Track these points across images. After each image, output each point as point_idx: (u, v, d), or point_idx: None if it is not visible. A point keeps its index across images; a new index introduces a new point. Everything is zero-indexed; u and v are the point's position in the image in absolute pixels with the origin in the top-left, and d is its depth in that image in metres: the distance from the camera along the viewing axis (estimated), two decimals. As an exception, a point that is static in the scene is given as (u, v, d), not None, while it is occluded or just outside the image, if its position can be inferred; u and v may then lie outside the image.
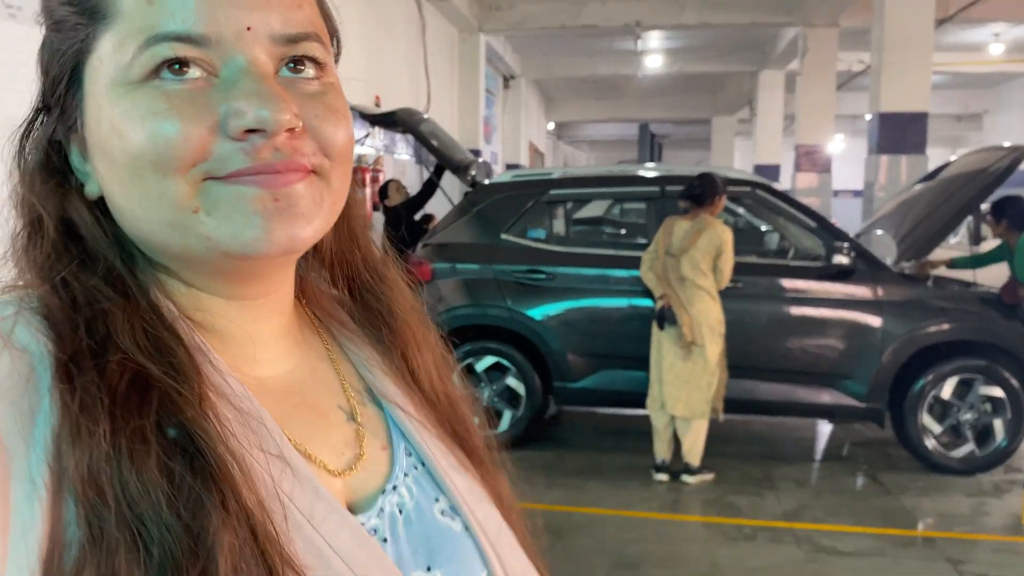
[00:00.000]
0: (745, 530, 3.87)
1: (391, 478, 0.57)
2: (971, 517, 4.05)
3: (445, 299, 5.03)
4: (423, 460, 0.59)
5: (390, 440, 0.59)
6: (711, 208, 4.36)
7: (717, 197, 4.38)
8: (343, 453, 0.56)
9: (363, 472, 0.56)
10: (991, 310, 4.62)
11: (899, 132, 7.22)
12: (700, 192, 4.36)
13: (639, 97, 20.56)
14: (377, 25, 7.11)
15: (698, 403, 4.31)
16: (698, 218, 4.34)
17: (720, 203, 4.41)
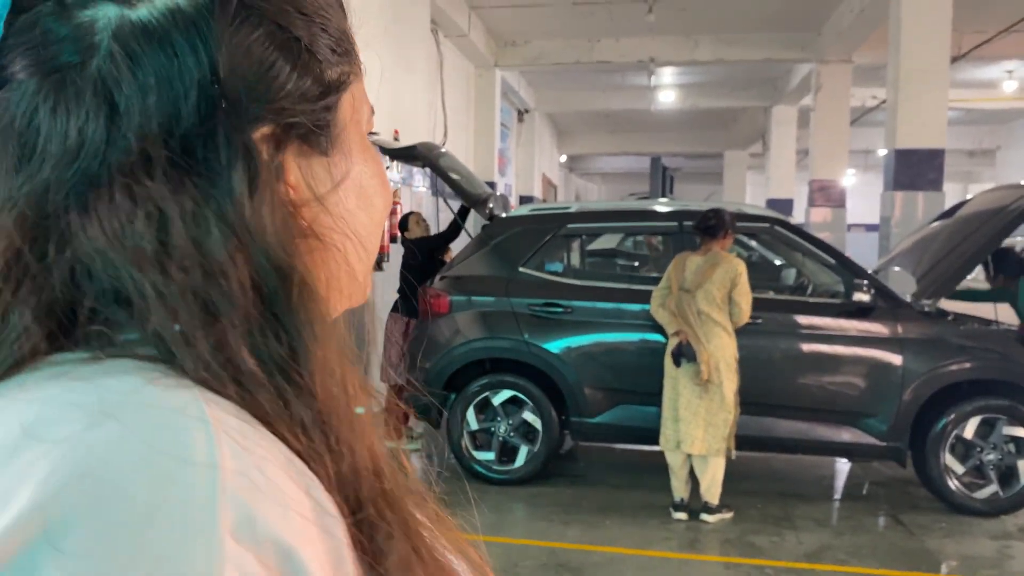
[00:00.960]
0: (767, 571, 3.79)
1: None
2: (996, 560, 3.96)
3: (462, 332, 5.01)
4: None
5: None
6: (723, 242, 4.35)
7: (729, 231, 4.37)
8: None
9: None
10: (1014, 348, 4.55)
11: (915, 168, 7.20)
12: (714, 225, 4.34)
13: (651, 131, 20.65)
14: (397, 62, 7.18)
15: (715, 440, 4.25)
16: (711, 252, 4.32)
17: (731, 237, 4.40)
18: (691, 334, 4.25)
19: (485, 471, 4.97)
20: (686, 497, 4.47)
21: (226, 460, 0.34)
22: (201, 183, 0.39)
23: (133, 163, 0.39)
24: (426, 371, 5.05)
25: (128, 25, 0.39)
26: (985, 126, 18.75)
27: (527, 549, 3.98)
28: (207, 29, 0.40)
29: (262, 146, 0.42)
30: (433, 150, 5.55)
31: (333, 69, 0.46)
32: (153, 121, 0.39)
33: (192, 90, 0.39)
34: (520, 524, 4.37)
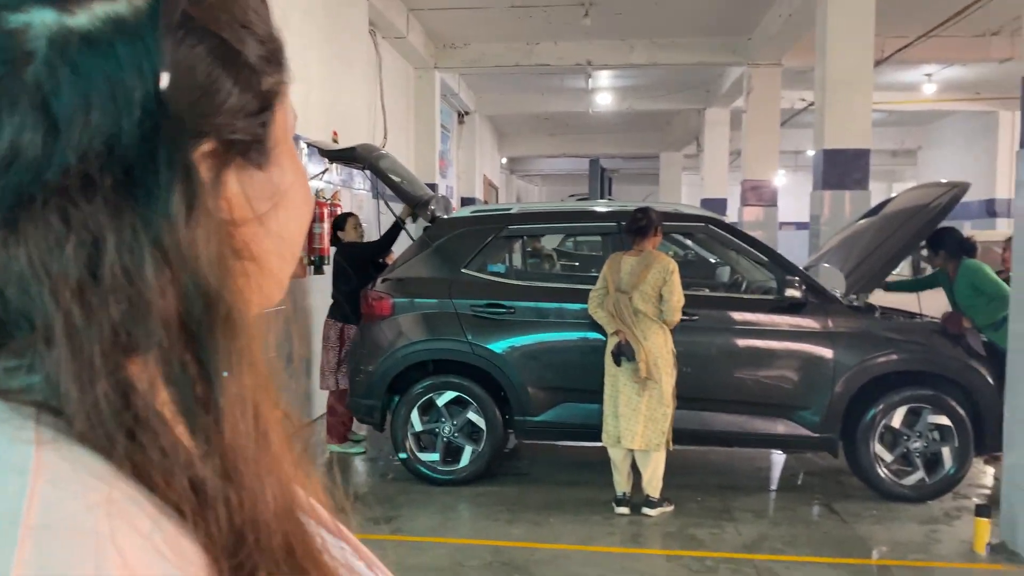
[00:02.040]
0: (707, 562, 3.85)
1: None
2: (924, 545, 4.10)
3: (405, 334, 4.97)
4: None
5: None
6: (654, 240, 4.42)
7: (658, 229, 4.44)
8: None
9: None
10: (937, 340, 4.72)
11: (842, 168, 7.41)
12: (644, 225, 4.41)
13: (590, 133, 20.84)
14: (335, 62, 7.09)
15: (655, 435, 4.31)
16: (644, 252, 4.39)
17: (660, 235, 4.48)
18: (629, 333, 4.30)
19: (430, 472, 4.94)
20: (628, 492, 4.51)
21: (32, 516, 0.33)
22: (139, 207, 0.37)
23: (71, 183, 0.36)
24: (369, 374, 5.00)
25: (67, 32, 0.36)
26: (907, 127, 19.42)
27: (472, 549, 3.97)
28: (151, 40, 0.37)
29: (202, 165, 0.40)
30: (373, 152, 5.49)
31: (268, 80, 0.44)
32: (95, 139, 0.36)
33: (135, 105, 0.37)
34: (465, 524, 4.36)
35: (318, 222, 6.17)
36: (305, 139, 6.12)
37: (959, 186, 4.94)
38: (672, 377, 4.34)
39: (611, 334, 4.40)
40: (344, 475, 5.31)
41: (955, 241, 5.08)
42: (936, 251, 5.08)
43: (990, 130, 15.94)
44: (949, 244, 5.04)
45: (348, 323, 5.55)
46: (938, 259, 5.11)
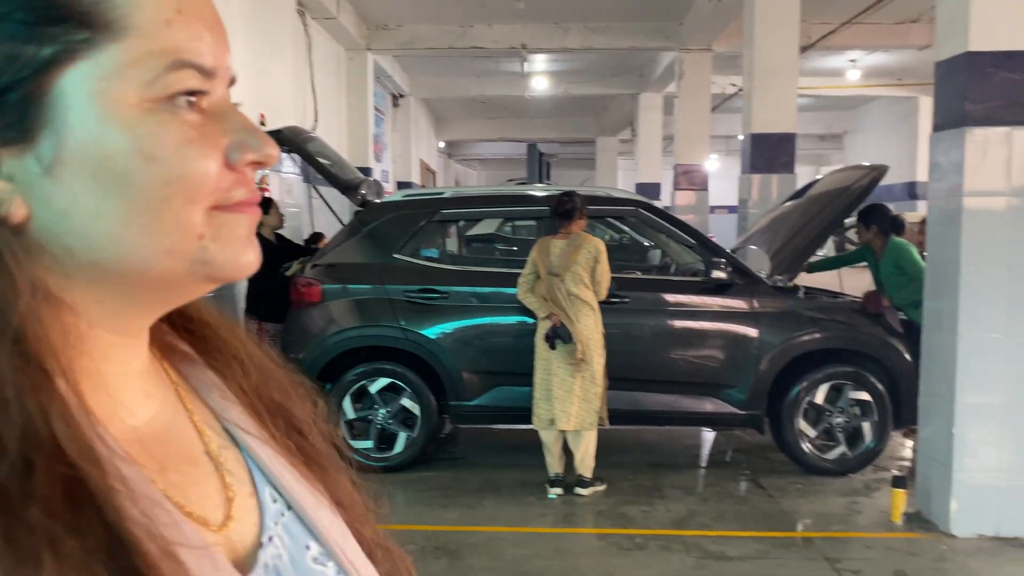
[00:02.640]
0: (637, 539, 3.92)
1: (265, 528, 0.53)
2: (845, 516, 4.25)
3: (336, 320, 4.91)
4: (290, 504, 0.56)
5: (254, 484, 0.56)
6: (580, 223, 4.46)
7: (583, 211, 4.48)
8: (219, 505, 0.52)
9: (239, 524, 0.52)
10: (858, 319, 4.88)
11: (769, 152, 7.58)
12: (571, 208, 4.45)
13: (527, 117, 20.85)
14: (261, 43, 6.92)
15: (588, 415, 4.37)
16: (572, 235, 4.43)
17: (585, 217, 4.52)
18: (563, 316, 4.34)
19: (363, 460, 4.89)
20: (561, 473, 4.56)
21: None
22: None
23: None
24: (299, 362, 4.93)
25: None
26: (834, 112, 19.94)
27: (405, 534, 3.96)
28: None
29: None
30: (300, 135, 5.39)
31: (34, 46, 0.42)
32: None
33: None
34: (399, 510, 4.35)
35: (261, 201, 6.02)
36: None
37: (878, 169, 5.10)
38: (603, 357, 4.40)
39: (542, 318, 4.43)
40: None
41: (887, 217, 5.23)
42: (868, 226, 5.22)
43: (911, 115, 16.48)
44: (881, 220, 5.19)
45: (263, 320, 5.47)
46: (868, 234, 5.24)
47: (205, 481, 0.53)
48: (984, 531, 3.91)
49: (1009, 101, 3.81)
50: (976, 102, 3.82)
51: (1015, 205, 3.84)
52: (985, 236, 3.85)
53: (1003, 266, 3.84)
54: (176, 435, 0.53)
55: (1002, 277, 3.84)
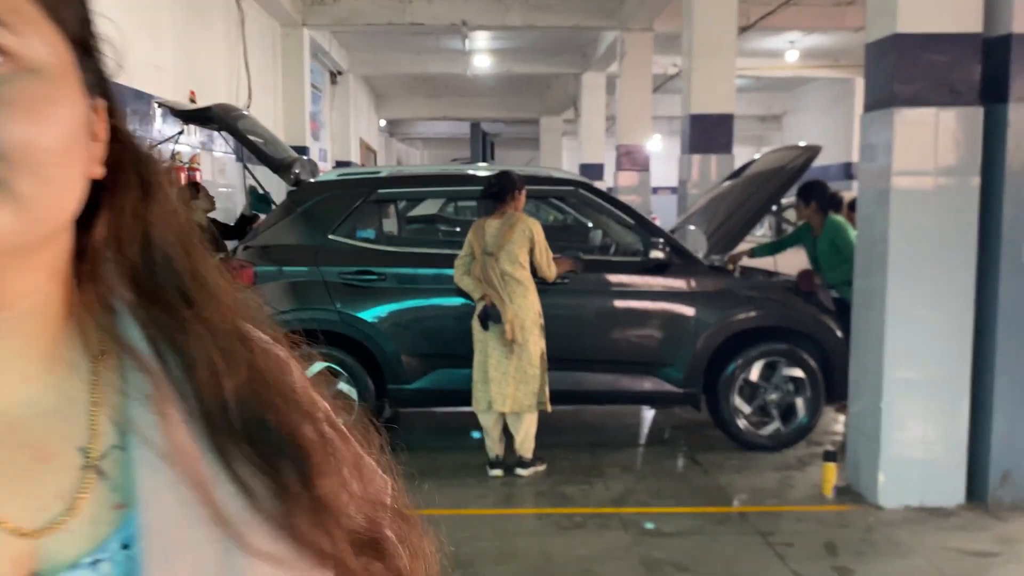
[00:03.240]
0: (576, 518, 3.96)
1: (102, 548, 0.47)
2: (778, 491, 4.36)
3: (269, 304, 4.81)
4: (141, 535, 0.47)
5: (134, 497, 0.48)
6: (514, 204, 4.45)
7: (517, 192, 4.48)
8: (48, 508, 0.47)
9: (67, 534, 0.47)
10: (792, 297, 4.98)
11: (708, 132, 7.67)
12: (499, 190, 4.46)
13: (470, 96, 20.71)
14: (191, 17, 6.70)
15: (526, 397, 4.38)
16: (507, 215, 4.43)
17: (521, 198, 4.51)
18: (495, 296, 4.34)
19: (300, 444, 4.84)
20: (501, 455, 4.58)
21: None
22: None
23: None
24: (232, 346, 4.83)
25: None
26: (773, 93, 20.29)
27: (343, 519, 3.93)
28: None
29: None
30: (231, 112, 5.25)
31: None
32: None
33: None
34: (337, 495, 4.30)
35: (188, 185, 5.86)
36: (157, 99, 5.79)
37: (812, 149, 5.20)
38: (541, 339, 4.40)
39: (478, 299, 4.42)
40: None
41: (825, 194, 5.34)
42: (807, 202, 5.31)
43: (848, 96, 16.86)
44: (820, 196, 5.29)
45: None
46: (808, 211, 5.34)
47: (44, 481, 0.48)
48: (910, 502, 4.05)
49: (935, 82, 3.91)
50: (904, 83, 3.91)
51: (941, 185, 3.96)
52: (912, 215, 3.96)
53: (929, 244, 3.96)
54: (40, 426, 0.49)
55: (928, 255, 3.96)
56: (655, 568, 3.40)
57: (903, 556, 3.52)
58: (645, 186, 12.06)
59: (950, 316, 3.99)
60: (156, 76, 6.02)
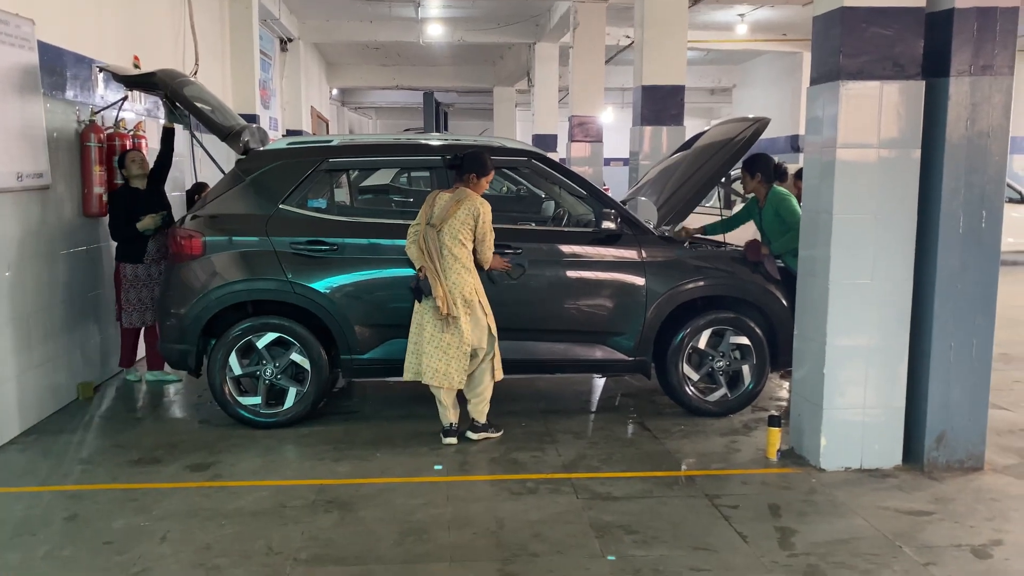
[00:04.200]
0: (528, 484, 4.00)
1: None
2: (724, 455, 4.45)
3: (219, 274, 4.73)
4: None
5: None
6: (471, 184, 4.44)
7: (477, 176, 4.46)
8: None
9: None
10: (739, 267, 5.06)
11: (660, 104, 7.69)
12: (459, 165, 4.45)
13: (423, 65, 20.44)
14: (133, -21, 6.47)
15: (456, 373, 4.38)
16: (459, 190, 4.41)
17: (481, 184, 4.49)
18: (430, 269, 4.32)
19: (252, 416, 4.79)
20: (455, 423, 4.59)
21: None
22: None
23: None
24: (180, 317, 4.74)
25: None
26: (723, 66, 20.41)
27: (295, 489, 3.91)
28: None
29: None
30: (176, 78, 5.09)
31: None
32: None
33: None
34: (289, 465, 4.29)
35: (118, 155, 5.69)
36: (98, 63, 5.58)
37: (760, 121, 5.25)
38: (472, 316, 4.39)
39: (416, 271, 4.40)
40: (157, 423, 5.05)
41: (769, 166, 5.40)
42: (752, 174, 5.37)
43: (796, 70, 17.05)
44: (764, 168, 5.35)
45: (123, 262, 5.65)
46: (753, 182, 5.39)
47: None
48: (850, 464, 4.18)
49: (880, 56, 3.96)
50: (850, 56, 3.96)
51: (884, 157, 4.03)
52: (855, 187, 4.03)
53: (870, 215, 4.04)
54: None
55: (869, 226, 4.05)
56: (605, 531, 3.45)
57: (843, 516, 3.63)
58: (598, 157, 12.08)
59: (891, 284, 4.09)
60: (98, 40, 5.81)
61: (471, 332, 4.40)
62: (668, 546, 3.32)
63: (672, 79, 7.71)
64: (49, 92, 5.02)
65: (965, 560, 3.23)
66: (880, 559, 3.23)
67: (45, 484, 4.02)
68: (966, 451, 4.17)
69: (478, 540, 3.37)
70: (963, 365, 4.11)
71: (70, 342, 5.34)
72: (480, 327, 4.44)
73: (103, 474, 4.15)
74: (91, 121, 5.51)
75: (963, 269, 4.05)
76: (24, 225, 4.78)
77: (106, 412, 5.25)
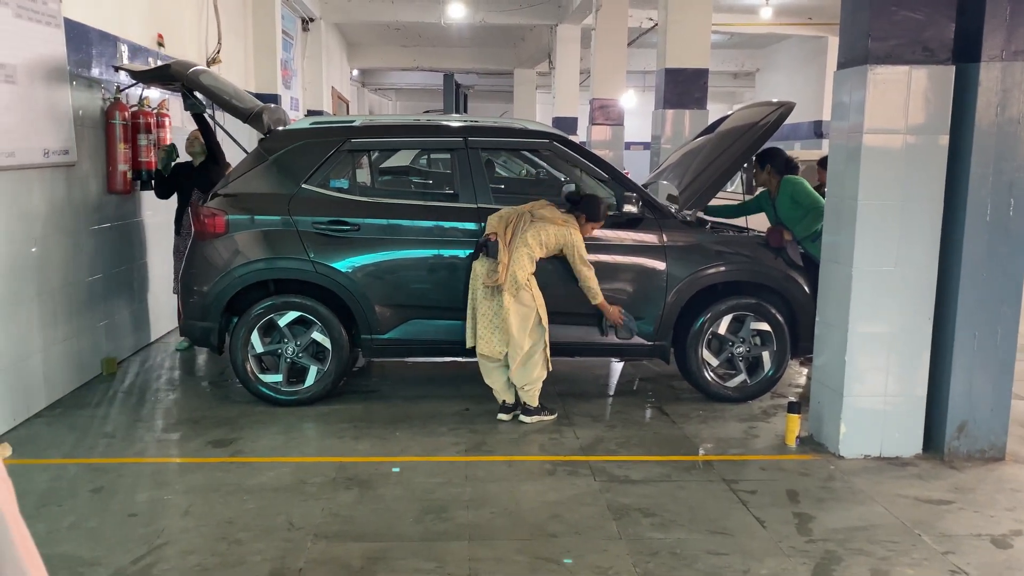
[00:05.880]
0: (546, 466, 4.02)
1: None
2: (743, 440, 4.45)
3: (242, 252, 4.76)
4: None
5: None
6: (578, 223, 4.61)
7: (587, 218, 4.63)
8: None
9: None
10: (761, 252, 5.03)
11: (683, 87, 7.63)
12: (577, 201, 4.67)
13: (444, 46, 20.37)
14: (157, -43, 6.48)
15: (499, 343, 4.51)
16: (568, 216, 4.61)
17: (587, 228, 4.66)
18: (503, 238, 4.46)
19: (273, 393, 4.84)
20: (510, 400, 4.63)
21: None
22: None
23: None
24: (203, 295, 4.78)
25: None
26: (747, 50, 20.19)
27: (316, 466, 3.95)
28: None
29: None
30: (190, 67, 5.10)
31: None
32: None
33: None
34: (310, 442, 4.33)
35: (144, 133, 5.73)
36: (115, 63, 5.60)
37: (785, 105, 5.20)
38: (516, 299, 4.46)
39: (487, 232, 4.55)
40: (179, 399, 5.11)
41: (781, 159, 5.39)
42: (763, 166, 5.36)
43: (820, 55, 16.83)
44: (773, 160, 5.34)
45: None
46: (764, 174, 5.39)
47: None
48: (869, 451, 4.16)
49: (910, 40, 3.91)
50: (879, 40, 3.90)
51: (911, 143, 3.98)
52: (881, 173, 3.99)
53: (896, 201, 4.00)
54: None
55: (895, 212, 4.00)
56: (622, 513, 3.47)
57: (861, 503, 3.63)
58: (619, 140, 12.02)
59: (915, 272, 4.05)
60: (121, 18, 5.83)
61: (512, 314, 4.46)
62: (686, 530, 3.33)
63: (695, 62, 7.64)
64: (75, 69, 5.06)
65: (985, 549, 3.22)
66: (898, 546, 3.22)
67: (70, 457, 4.09)
68: (988, 441, 4.14)
69: (497, 519, 3.40)
70: (987, 354, 4.07)
71: (95, 318, 5.41)
72: (527, 317, 4.50)
73: (127, 448, 4.21)
74: (116, 99, 5.55)
75: (989, 257, 4.01)
76: (50, 201, 4.83)
77: (128, 387, 5.32)
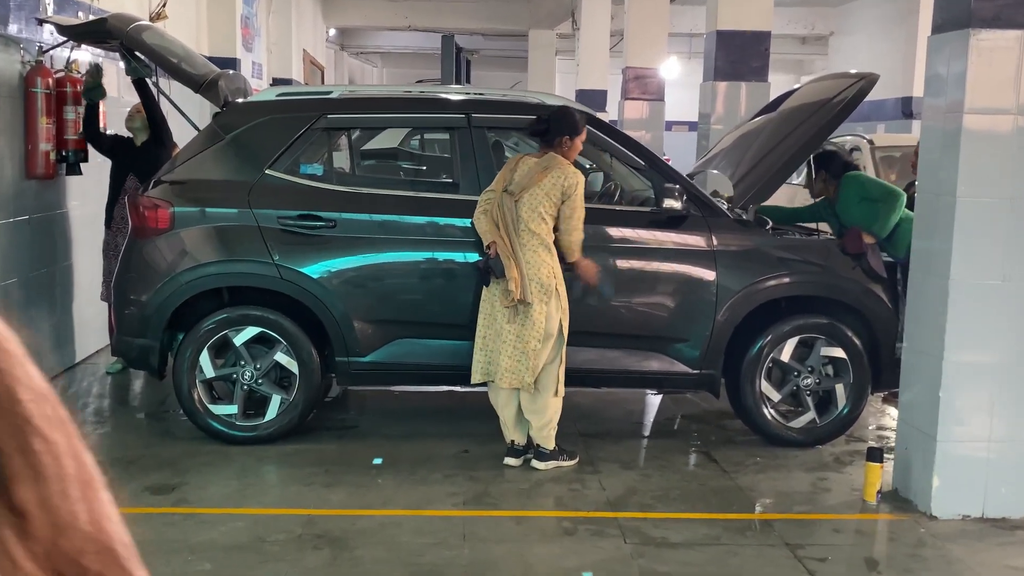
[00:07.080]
0: (564, 523, 4.02)
1: None
2: (811, 495, 4.44)
3: (190, 253, 4.79)
4: None
5: None
6: (562, 149, 4.50)
7: (569, 138, 4.51)
8: None
9: None
10: (835, 260, 5.02)
11: (738, 54, 7.64)
12: (546, 128, 4.50)
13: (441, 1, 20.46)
14: None
15: (525, 372, 4.41)
16: (547, 156, 4.47)
17: (574, 146, 4.55)
18: (503, 245, 4.37)
19: (226, 428, 4.86)
20: (519, 441, 4.62)
21: None
22: None
23: None
24: (142, 306, 4.81)
25: None
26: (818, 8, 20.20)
27: (278, 520, 3.96)
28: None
29: None
30: (131, 23, 5.14)
31: None
32: None
33: None
34: (271, 490, 4.34)
35: (71, 104, 5.78)
36: (38, 15, 5.66)
37: (866, 77, 5.21)
38: (554, 307, 4.43)
39: (486, 247, 4.48)
40: (111, 433, 5.13)
41: (838, 162, 5.47)
42: (817, 171, 5.42)
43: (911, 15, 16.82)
44: (827, 164, 5.43)
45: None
46: (819, 183, 5.47)
47: None
48: (969, 511, 4.14)
49: (1022, -1, 3.91)
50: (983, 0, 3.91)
51: (1023, 126, 3.98)
52: (986, 162, 3.98)
53: (1005, 199, 3.99)
54: None
55: (1003, 212, 4.00)
56: (660, 585, 3.46)
57: None
58: (657, 119, 12.04)
59: (1027, 287, 4.04)
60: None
61: (546, 325, 4.43)
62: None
63: (755, 23, 7.66)
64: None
65: (1114, 636, 3.20)
66: (1005, 631, 3.20)
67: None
68: (1118, 500, 4.12)
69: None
70: (1117, 391, 4.05)
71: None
72: (551, 322, 4.46)
73: (45, 494, 4.23)
74: (38, 62, 5.59)
75: (1121, 270, 3.99)
76: (-45, 188, 4.87)
77: (49, 419, 5.35)
